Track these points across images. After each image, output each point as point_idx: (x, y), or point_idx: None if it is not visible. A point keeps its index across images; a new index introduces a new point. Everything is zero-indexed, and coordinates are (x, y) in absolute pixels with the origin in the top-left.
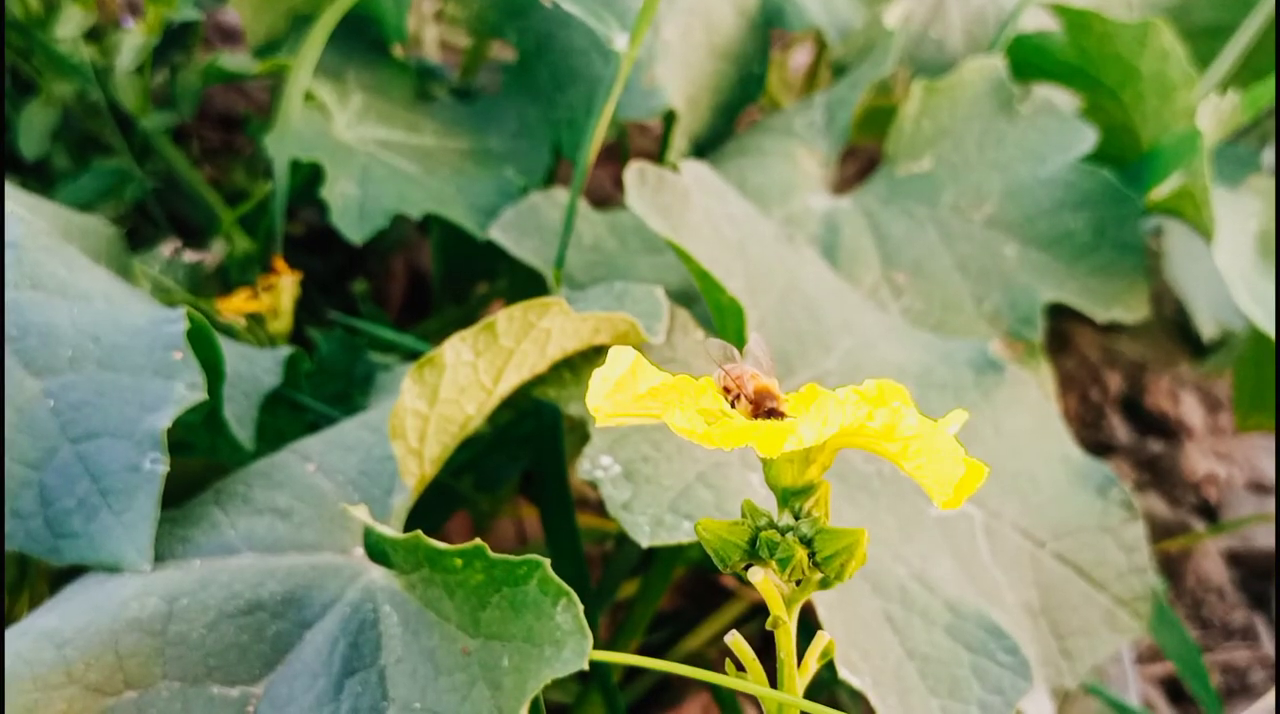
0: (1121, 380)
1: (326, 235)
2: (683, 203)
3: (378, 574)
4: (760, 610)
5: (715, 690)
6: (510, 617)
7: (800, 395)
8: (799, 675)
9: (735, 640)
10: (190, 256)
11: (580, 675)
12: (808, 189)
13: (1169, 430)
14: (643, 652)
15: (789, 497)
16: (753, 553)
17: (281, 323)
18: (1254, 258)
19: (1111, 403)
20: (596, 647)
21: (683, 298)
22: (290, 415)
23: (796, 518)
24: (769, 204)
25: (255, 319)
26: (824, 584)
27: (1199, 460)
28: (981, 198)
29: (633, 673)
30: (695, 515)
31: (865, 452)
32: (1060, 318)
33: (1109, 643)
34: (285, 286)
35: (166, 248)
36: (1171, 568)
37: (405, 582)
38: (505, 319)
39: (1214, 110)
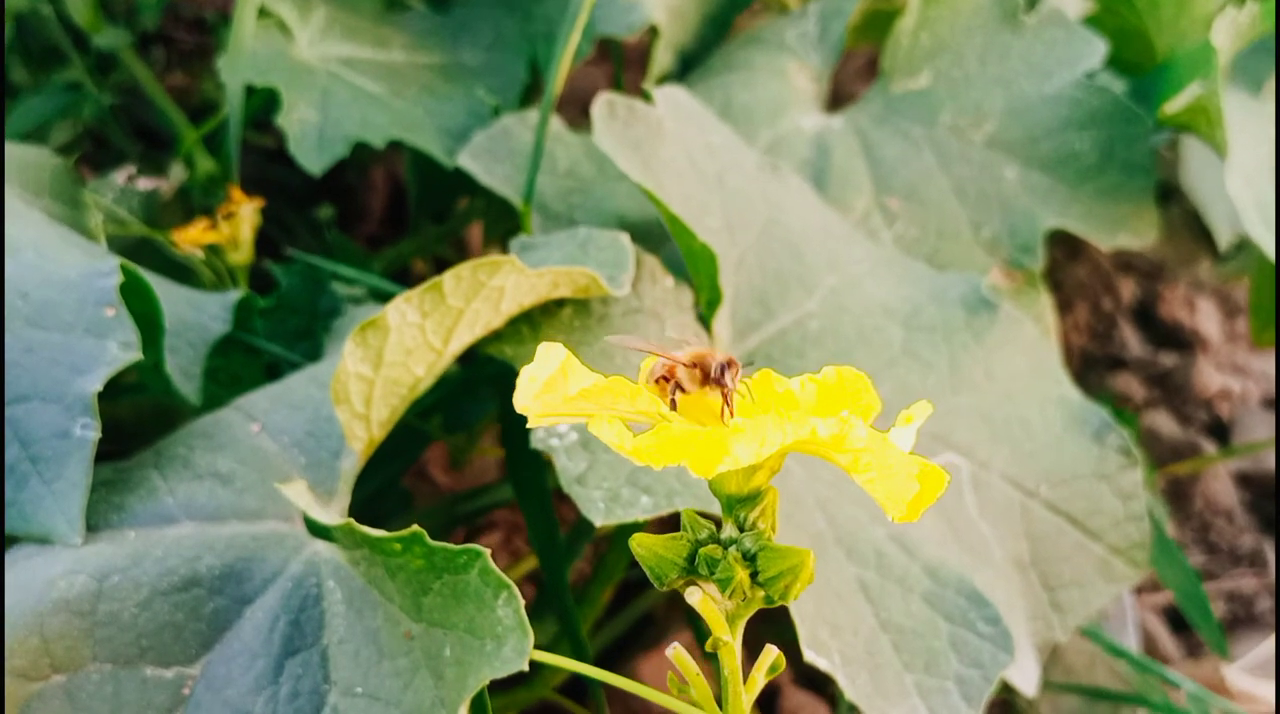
0: (1135, 287)
1: None
2: (655, 135)
3: (322, 545)
4: None
5: (696, 630)
6: (452, 605)
7: (754, 382)
8: (746, 692)
9: (677, 654)
10: (145, 184)
11: (559, 616)
12: (798, 107)
13: (1183, 342)
14: (623, 588)
15: (733, 505)
16: (691, 570)
17: (242, 254)
18: (1271, 174)
19: (1124, 312)
20: (577, 583)
21: (660, 232)
22: (245, 358)
23: (741, 529)
24: (756, 125)
25: (214, 250)
26: (769, 602)
27: (1212, 375)
28: (982, 117)
29: (616, 606)
30: (656, 489)
31: None
32: None
33: (1104, 593)
34: (245, 216)
35: (120, 175)
36: (1178, 490)
37: (349, 556)
38: (452, 279)
39: (1230, 23)
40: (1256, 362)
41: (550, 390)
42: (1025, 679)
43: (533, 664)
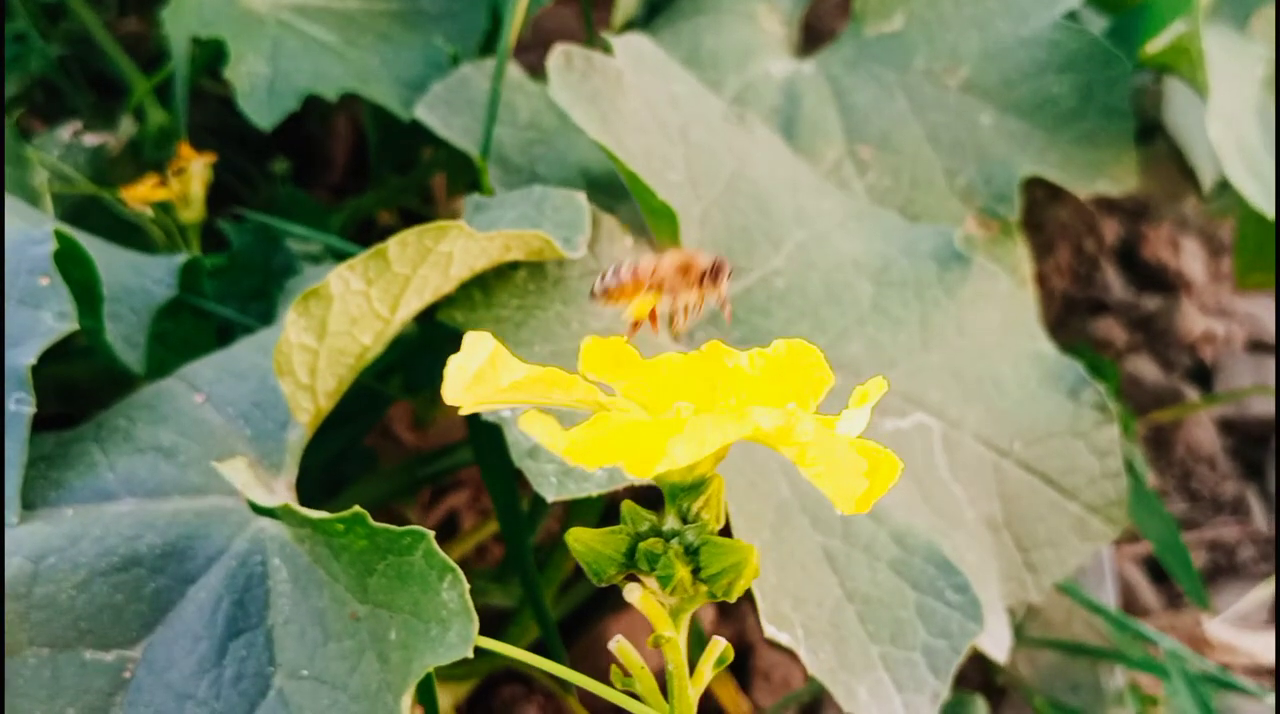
0: (1119, 227)
1: None
2: (615, 87)
3: (268, 522)
4: None
5: None
6: (397, 586)
7: (700, 355)
8: (692, 685)
9: (621, 647)
10: (92, 139)
11: (521, 578)
12: (768, 52)
13: (1167, 283)
14: None
15: (677, 494)
16: (631, 564)
17: (193, 211)
18: (1256, 115)
19: (1107, 253)
20: (545, 542)
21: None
22: (196, 321)
23: (685, 520)
24: (724, 71)
25: (165, 208)
26: (712, 598)
27: (1196, 318)
28: (957, 60)
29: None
30: None
31: None
32: None
33: (1079, 552)
34: (196, 172)
35: (66, 130)
36: (1160, 436)
37: (295, 533)
38: (397, 245)
39: None
40: (1241, 303)
41: (480, 382)
42: (996, 645)
43: (498, 626)
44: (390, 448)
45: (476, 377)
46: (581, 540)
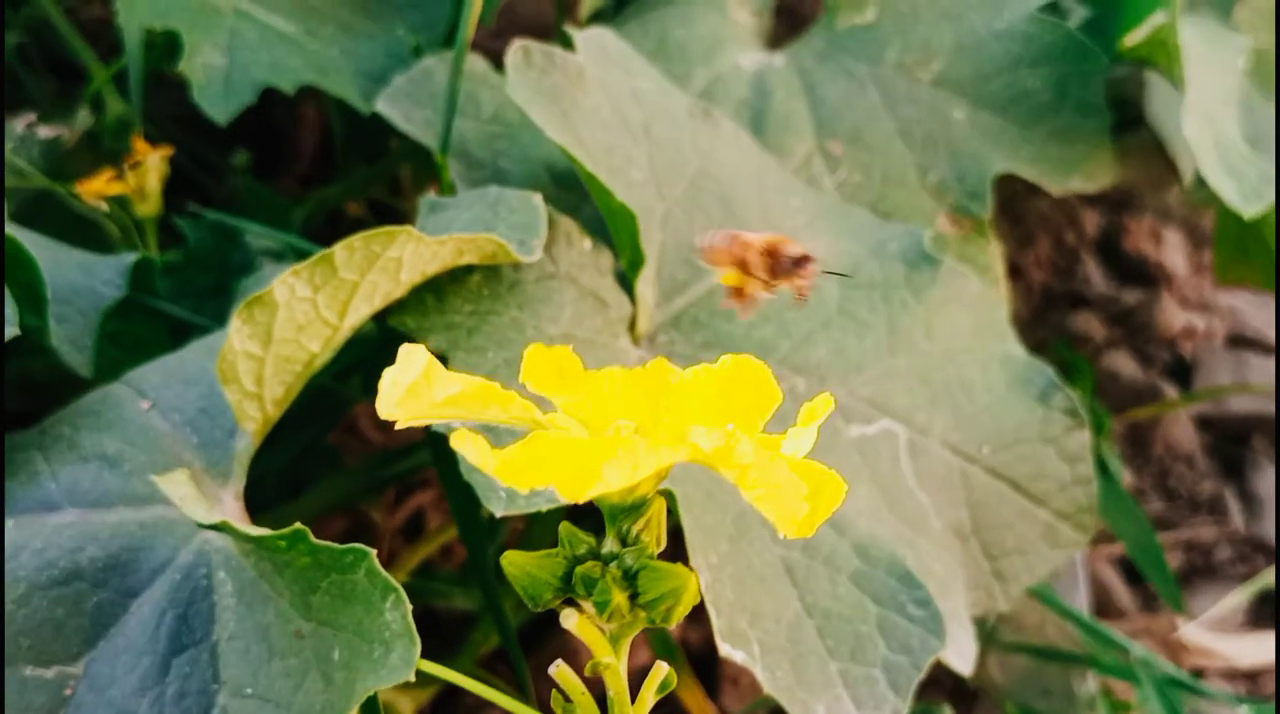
0: (1100, 219)
1: None
2: (576, 84)
3: (213, 533)
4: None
5: None
6: (340, 605)
7: (645, 371)
8: (636, 712)
9: (560, 672)
10: (46, 132)
11: (482, 586)
12: (738, 44)
13: (1147, 276)
14: None
15: (616, 515)
16: (568, 589)
17: (149, 205)
18: (1236, 108)
19: (1087, 246)
20: (511, 542)
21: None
22: (148, 320)
23: (625, 543)
24: (692, 64)
25: (121, 202)
26: (651, 623)
27: (1176, 312)
28: (930, 53)
29: None
30: None
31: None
32: None
33: (1049, 560)
34: (152, 165)
35: (19, 122)
36: (1137, 433)
37: (241, 546)
38: (344, 251)
39: None
40: (1222, 297)
41: (414, 397)
42: (961, 657)
43: (455, 637)
44: (356, 445)
45: (410, 391)
46: (516, 565)
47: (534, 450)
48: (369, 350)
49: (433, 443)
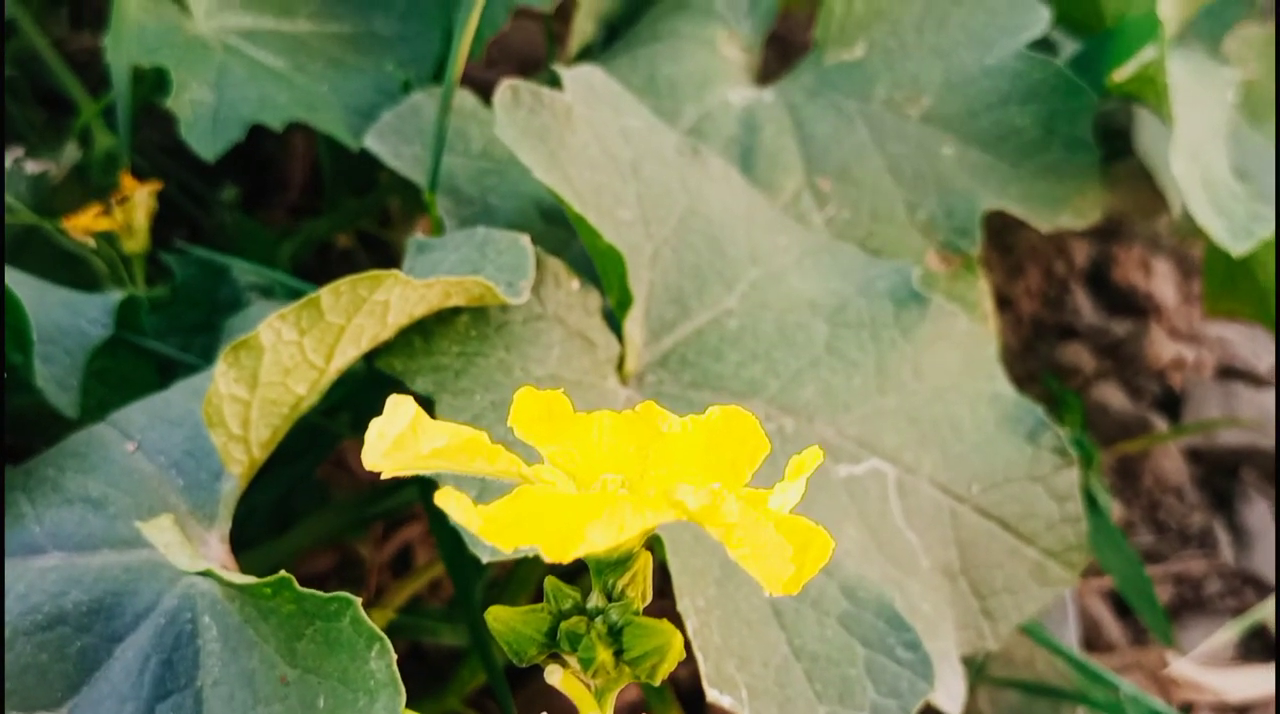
0: (1090, 249)
1: None
2: (564, 123)
3: (199, 577)
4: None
5: None
6: (325, 652)
7: (634, 416)
8: None
9: None
10: (34, 166)
11: (469, 623)
12: (727, 80)
13: (1137, 307)
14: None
15: (602, 570)
16: (553, 644)
17: (136, 241)
18: (1225, 142)
19: (1077, 276)
20: (500, 576)
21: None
22: (135, 359)
23: (610, 598)
24: (682, 100)
25: (109, 238)
26: (636, 679)
27: (1165, 343)
28: (918, 90)
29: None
30: None
31: (762, 407)
32: None
33: (1038, 598)
34: (140, 201)
35: (7, 157)
36: (1127, 466)
37: (226, 591)
38: (330, 294)
39: None
40: (1212, 328)
41: (401, 448)
42: (950, 699)
43: (443, 674)
44: (344, 481)
45: (397, 442)
46: (501, 619)
47: (518, 508)
48: (358, 387)
49: (421, 481)
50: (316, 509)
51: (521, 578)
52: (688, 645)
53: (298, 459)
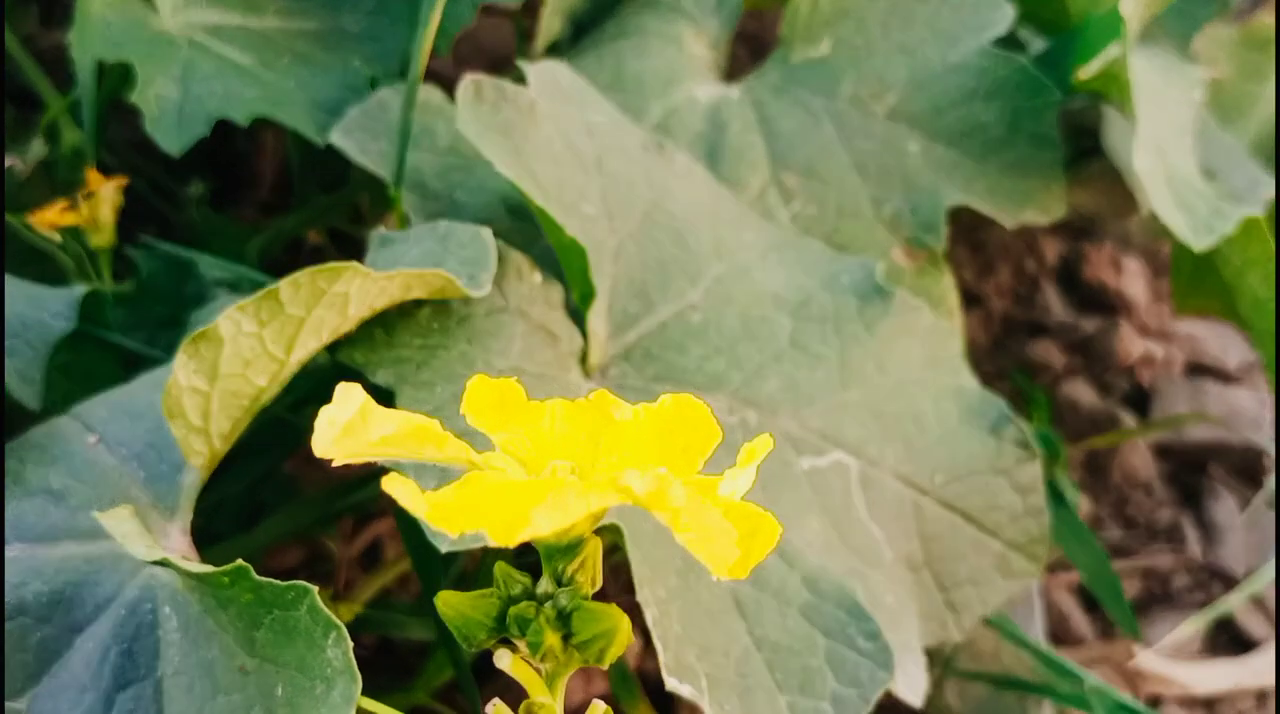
0: (1060, 247)
1: None
2: (528, 119)
3: (160, 568)
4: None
5: None
6: (283, 641)
7: (587, 404)
8: None
9: (498, 710)
10: None
11: (435, 620)
12: (693, 77)
13: (1107, 304)
14: None
15: (552, 555)
16: (503, 629)
17: (103, 236)
18: (1191, 140)
19: (1048, 273)
20: (470, 569)
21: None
22: (99, 353)
23: (560, 584)
24: (648, 96)
25: (75, 233)
26: (585, 663)
27: (1134, 340)
28: (884, 87)
29: None
30: None
31: (726, 400)
32: None
33: (1002, 590)
34: (106, 196)
35: None
36: (1095, 461)
37: (186, 581)
38: (289, 287)
39: None
40: (1182, 326)
41: (350, 435)
42: (911, 690)
43: (413, 668)
44: (313, 475)
45: (346, 429)
46: (450, 605)
47: (465, 494)
48: (323, 380)
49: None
50: (285, 504)
51: (489, 572)
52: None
53: (264, 453)
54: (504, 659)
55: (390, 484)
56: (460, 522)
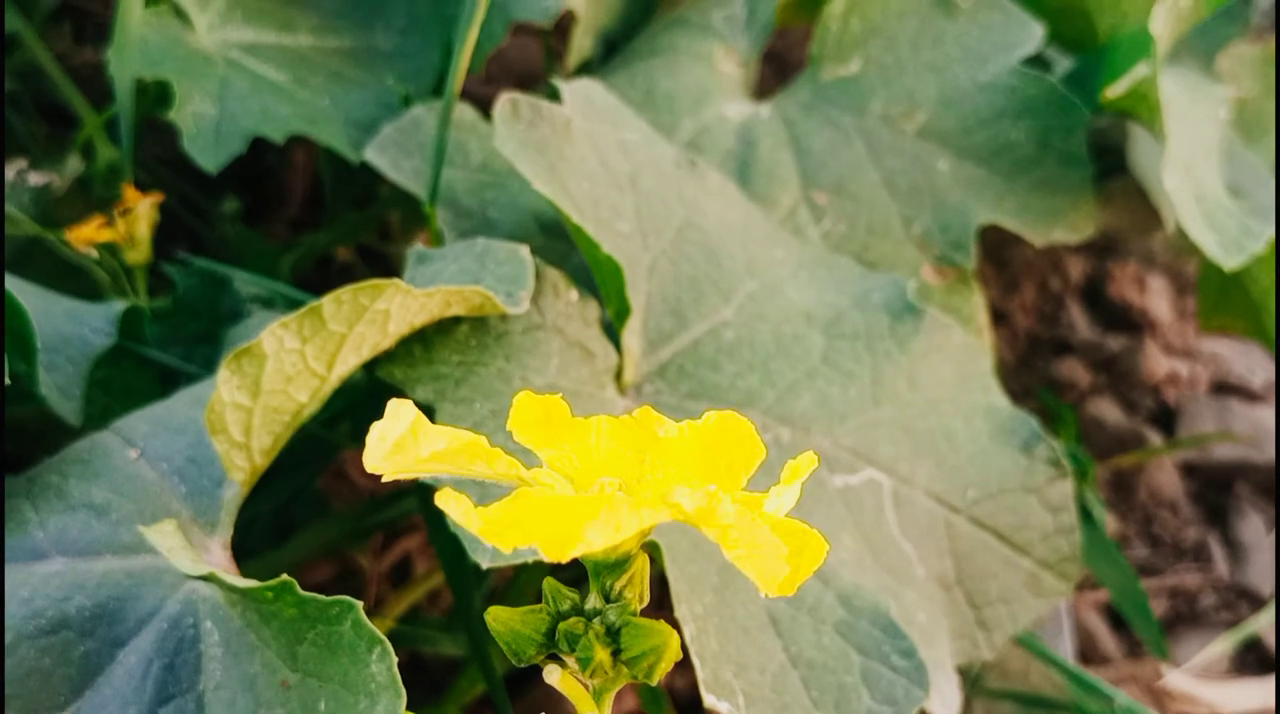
0: (1085, 265)
1: None
2: (563, 136)
3: (201, 583)
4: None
5: None
6: (327, 656)
7: (632, 421)
8: None
9: None
10: (36, 178)
11: (468, 633)
12: (724, 95)
13: (1132, 323)
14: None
15: (600, 571)
16: (552, 644)
17: (139, 252)
18: (1218, 158)
19: (1072, 292)
20: (499, 586)
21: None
22: (138, 368)
23: (608, 600)
24: (679, 114)
25: (111, 249)
26: (633, 679)
27: (1160, 359)
28: (914, 105)
29: None
30: None
31: (759, 417)
32: None
33: (1032, 609)
34: (142, 212)
35: (10, 169)
36: (1122, 480)
37: (228, 596)
38: (332, 303)
39: (1172, 8)
40: (1206, 344)
41: (401, 451)
42: (945, 707)
43: (442, 684)
44: (344, 491)
45: (397, 445)
46: (500, 620)
47: (517, 509)
48: (357, 397)
49: (420, 491)
50: (316, 519)
51: (520, 588)
52: (685, 653)
53: (298, 469)
54: (553, 674)
55: (444, 500)
56: (513, 537)
